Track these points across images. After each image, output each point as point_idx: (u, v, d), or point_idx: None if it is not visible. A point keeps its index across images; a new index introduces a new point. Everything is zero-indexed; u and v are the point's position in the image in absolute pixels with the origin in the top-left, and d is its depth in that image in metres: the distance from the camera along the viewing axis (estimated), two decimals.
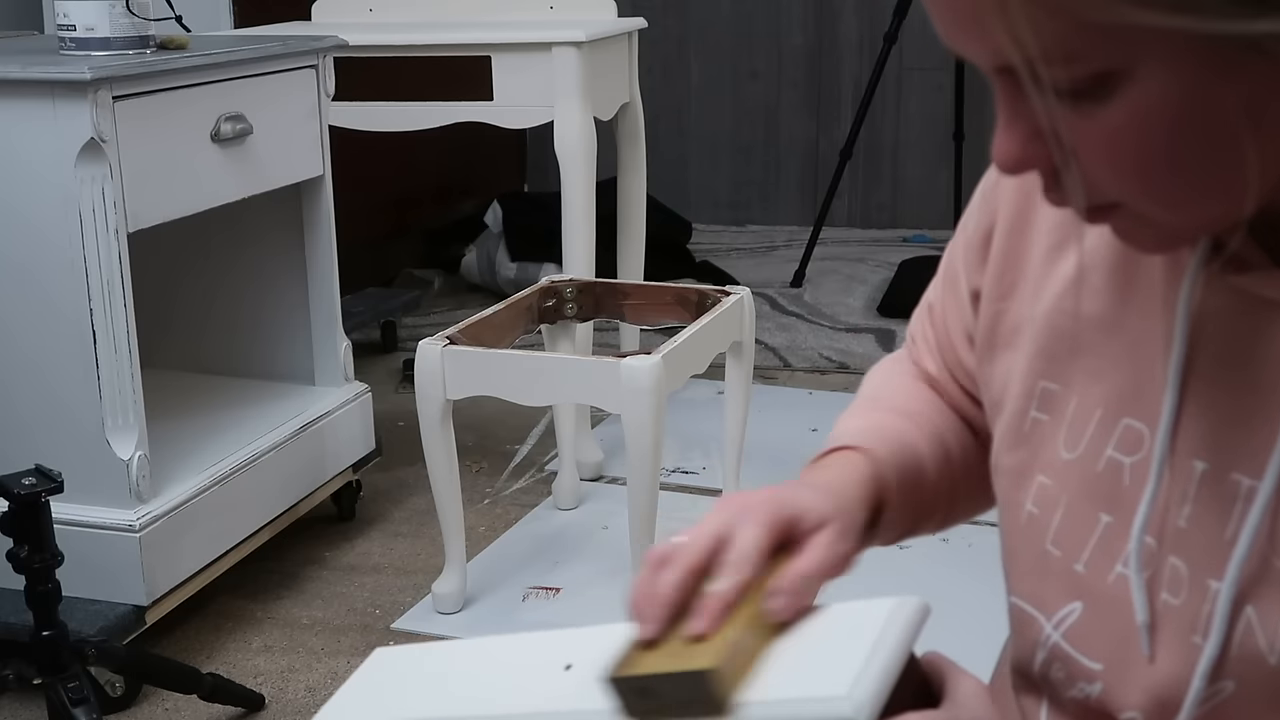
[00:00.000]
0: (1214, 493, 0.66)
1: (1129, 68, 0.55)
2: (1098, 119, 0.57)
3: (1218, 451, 0.66)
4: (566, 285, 2.42)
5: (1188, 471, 0.68)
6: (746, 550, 0.71)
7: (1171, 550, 0.68)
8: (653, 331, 3.13)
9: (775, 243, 4.55)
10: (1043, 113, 0.57)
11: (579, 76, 2.58)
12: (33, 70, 1.84)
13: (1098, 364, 0.73)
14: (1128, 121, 0.56)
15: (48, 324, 1.92)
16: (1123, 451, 0.71)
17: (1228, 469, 0.66)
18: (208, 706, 1.92)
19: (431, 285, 4.07)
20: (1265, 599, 0.64)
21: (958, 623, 1.47)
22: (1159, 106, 0.55)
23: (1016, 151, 0.60)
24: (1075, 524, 0.73)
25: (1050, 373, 0.75)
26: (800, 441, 2.84)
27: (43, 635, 1.69)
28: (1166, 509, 0.68)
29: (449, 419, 2.11)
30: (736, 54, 4.74)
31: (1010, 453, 0.78)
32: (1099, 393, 0.72)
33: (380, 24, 2.95)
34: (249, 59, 2.12)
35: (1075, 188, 0.60)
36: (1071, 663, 0.74)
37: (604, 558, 2.36)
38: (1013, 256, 0.79)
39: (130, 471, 1.95)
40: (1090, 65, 0.55)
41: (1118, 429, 0.71)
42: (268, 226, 2.44)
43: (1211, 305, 0.66)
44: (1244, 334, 0.65)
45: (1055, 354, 0.75)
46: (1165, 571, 0.69)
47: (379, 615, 2.20)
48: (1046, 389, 0.75)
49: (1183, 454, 0.68)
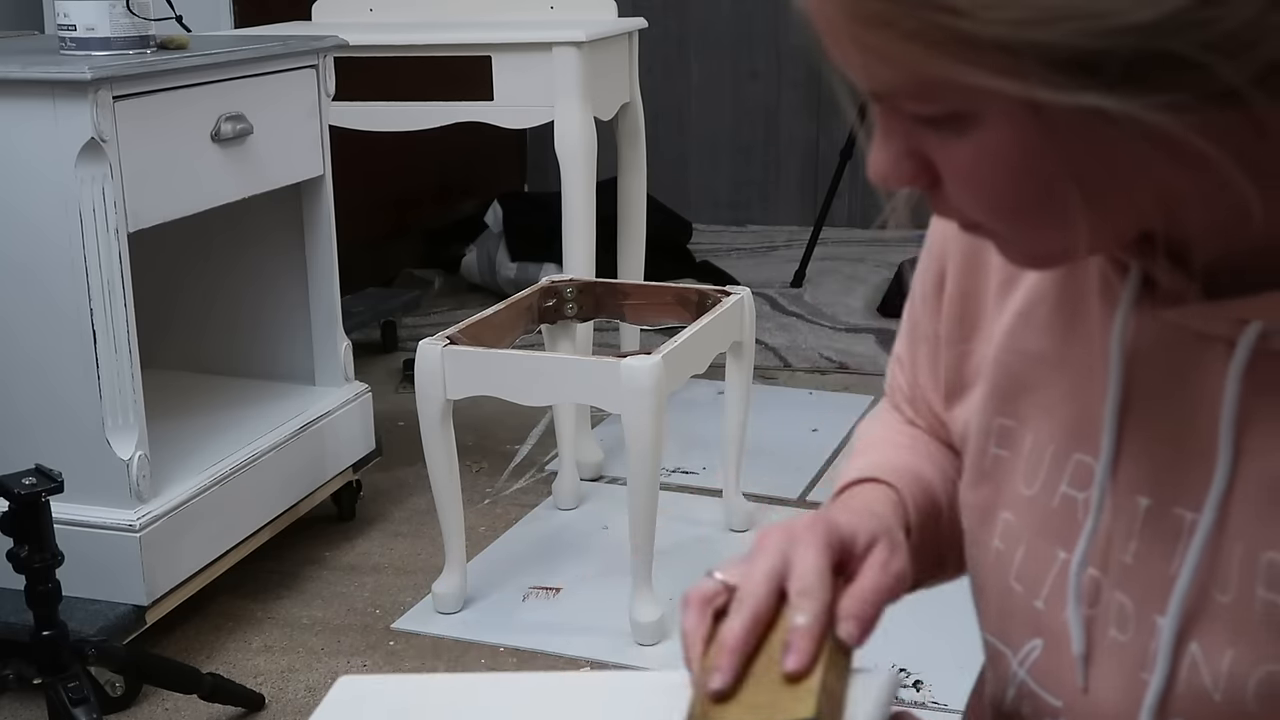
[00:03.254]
0: (1157, 528, 0.66)
1: (977, 112, 0.56)
2: (954, 149, 0.58)
3: (1159, 486, 0.66)
4: (566, 285, 2.42)
5: (1133, 508, 0.67)
6: (813, 577, 0.67)
7: (1117, 586, 0.68)
8: (653, 331, 3.13)
9: (775, 243, 4.55)
10: (905, 135, 0.60)
11: (579, 76, 2.58)
12: (33, 70, 1.84)
13: (1047, 399, 0.73)
14: (976, 158, 0.58)
15: (48, 324, 1.92)
16: (1075, 487, 0.70)
17: (1170, 504, 0.66)
18: (208, 706, 1.92)
19: (431, 285, 4.07)
20: (1208, 634, 0.64)
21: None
22: (1003, 152, 0.57)
23: (888, 166, 0.62)
24: (1035, 560, 0.72)
25: (1005, 409, 0.75)
26: (800, 441, 2.84)
27: (43, 635, 1.69)
28: (1110, 544, 0.68)
29: (449, 419, 2.11)
30: (736, 54, 4.74)
31: (974, 489, 0.77)
32: (1050, 428, 0.72)
33: (380, 24, 2.96)
34: (249, 59, 2.12)
35: (943, 205, 0.62)
36: (1037, 699, 0.73)
37: (604, 558, 2.36)
38: (969, 299, 0.79)
39: (130, 471, 1.95)
40: (942, 105, 0.57)
41: (1069, 464, 0.71)
42: (268, 226, 2.44)
43: (1145, 340, 0.66)
44: (1178, 368, 0.65)
45: (1008, 391, 0.75)
46: (1112, 608, 0.68)
47: (379, 615, 2.20)
48: (1004, 425, 0.75)
49: (1127, 490, 0.68)
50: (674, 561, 2.27)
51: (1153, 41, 0.49)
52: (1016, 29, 0.50)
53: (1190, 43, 0.49)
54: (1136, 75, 0.51)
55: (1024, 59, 0.51)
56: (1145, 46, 0.50)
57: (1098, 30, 0.49)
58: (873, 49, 0.55)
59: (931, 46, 0.53)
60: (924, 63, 0.54)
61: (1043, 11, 0.50)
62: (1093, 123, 0.53)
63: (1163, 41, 0.49)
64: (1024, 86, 0.52)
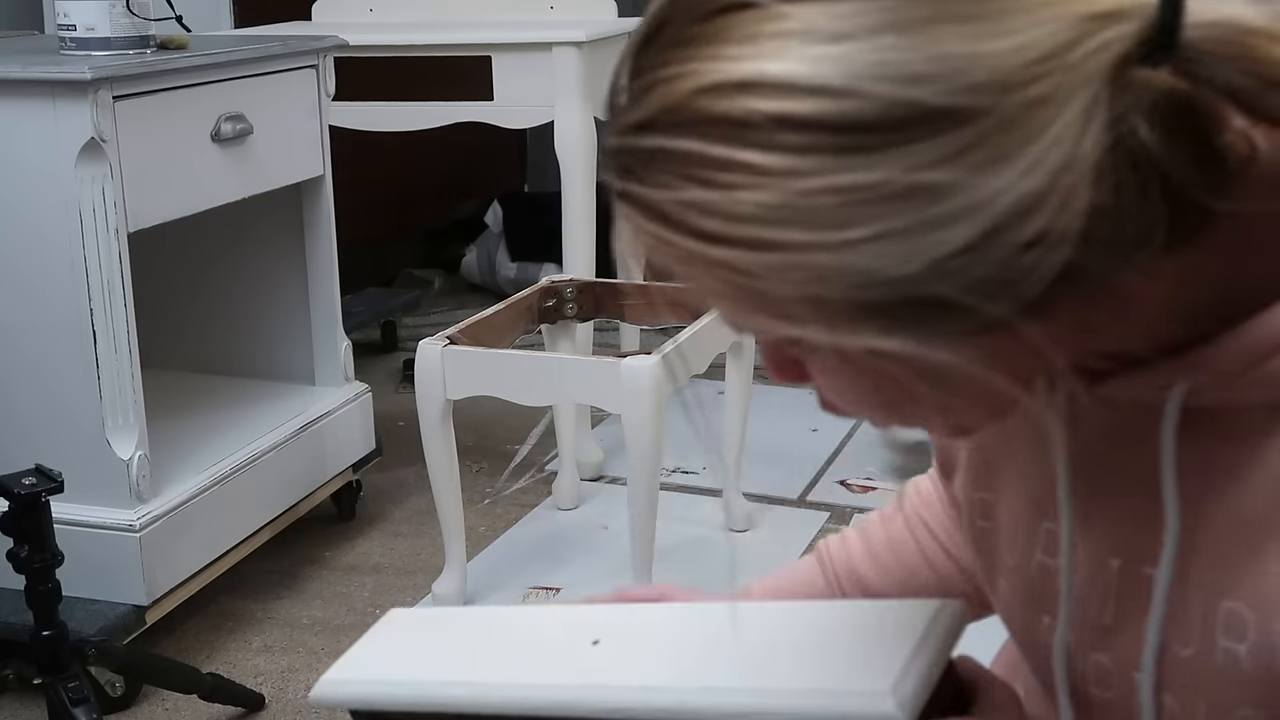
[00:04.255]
0: (1130, 588, 0.67)
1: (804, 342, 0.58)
2: (810, 360, 0.62)
3: (1126, 547, 0.68)
4: (567, 285, 2.42)
5: (1107, 570, 0.69)
6: None
7: (1094, 648, 0.70)
8: (653, 331, 3.13)
9: None
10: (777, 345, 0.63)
11: (579, 76, 2.58)
12: (33, 70, 1.84)
13: (1012, 472, 0.75)
14: (827, 372, 0.62)
15: (48, 324, 1.92)
16: (1048, 555, 0.72)
17: (1138, 563, 0.67)
18: (208, 706, 1.92)
19: (431, 285, 4.07)
20: (1178, 688, 0.65)
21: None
22: (843, 370, 0.60)
23: (773, 367, 0.65)
24: (1026, 626, 0.75)
25: (981, 483, 0.78)
26: (800, 441, 2.84)
27: (43, 635, 1.69)
28: (1087, 608, 0.70)
29: (449, 419, 2.11)
30: None
31: (975, 559, 0.81)
32: (1018, 501, 0.75)
33: (380, 24, 2.96)
34: (249, 59, 2.12)
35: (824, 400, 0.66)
36: None
37: (604, 558, 2.36)
38: None
39: (130, 471, 1.95)
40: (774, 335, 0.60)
41: (1040, 533, 0.73)
42: (268, 226, 2.44)
43: (1089, 413, 0.68)
44: (1118, 432, 0.67)
45: (979, 466, 0.79)
46: (1091, 668, 0.70)
47: (379, 615, 2.19)
48: (984, 499, 0.78)
49: (1100, 553, 0.69)
50: (674, 561, 2.27)
51: (918, 289, 0.52)
52: (803, 287, 0.53)
53: (953, 288, 0.52)
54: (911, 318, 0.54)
55: (813, 310, 0.54)
56: (914, 294, 0.53)
57: (869, 284, 0.53)
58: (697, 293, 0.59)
59: (736, 303, 0.57)
60: (736, 314, 0.59)
61: (822, 271, 0.53)
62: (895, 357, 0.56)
63: (927, 288, 0.52)
64: (818, 334, 0.55)
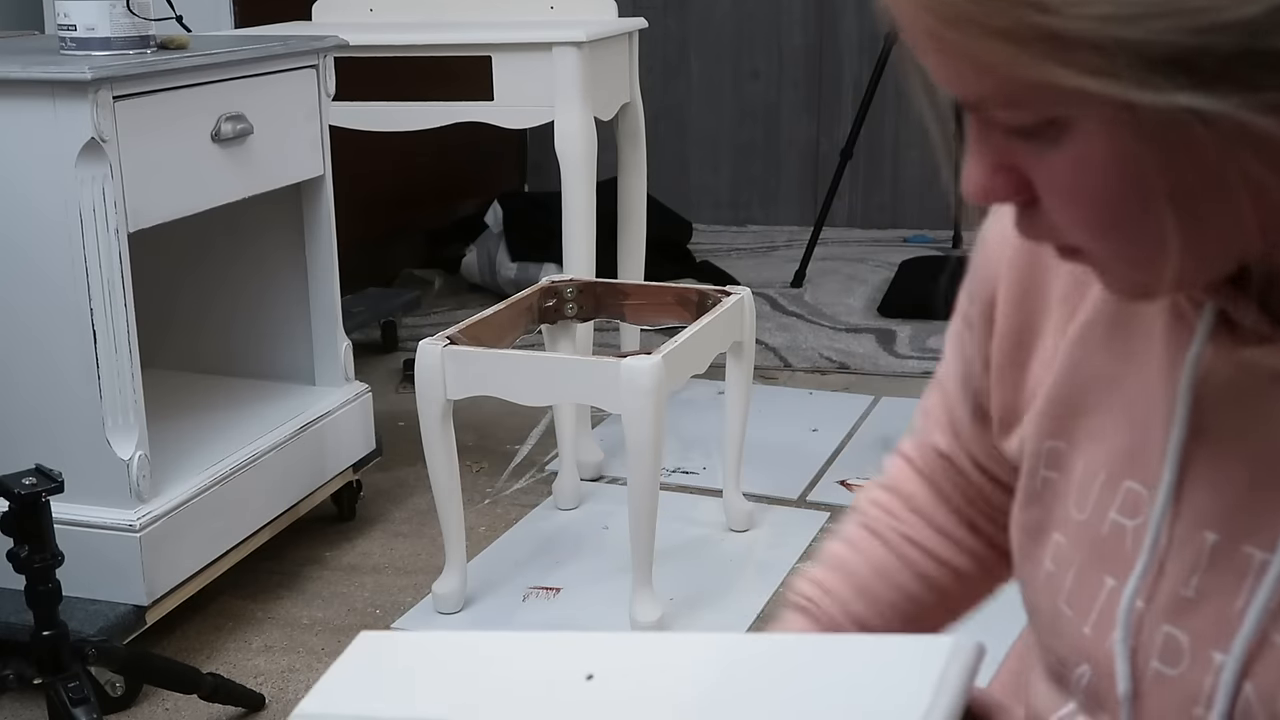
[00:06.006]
0: (1225, 565, 0.65)
1: (1071, 118, 0.54)
2: (1048, 162, 0.56)
3: (1229, 523, 0.65)
4: (567, 285, 2.42)
5: (1199, 543, 0.66)
6: None
7: (1168, 619, 0.67)
8: (653, 331, 3.13)
9: (775, 243, 4.55)
10: (1000, 148, 0.58)
11: (579, 76, 2.58)
12: (33, 70, 1.84)
13: (1099, 423, 0.71)
14: (1071, 168, 0.56)
15: (48, 324, 1.92)
16: (1125, 515, 0.70)
17: (1239, 541, 0.65)
18: (208, 706, 1.92)
19: (431, 285, 4.07)
20: (1263, 675, 0.63)
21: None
22: (1098, 162, 0.55)
23: (983, 181, 0.60)
24: (1084, 585, 0.72)
25: (1056, 431, 0.74)
26: (800, 441, 2.84)
27: (43, 635, 1.69)
28: (1162, 577, 0.67)
29: (449, 419, 2.11)
30: (736, 54, 4.74)
31: (1025, 510, 0.77)
32: (1101, 454, 0.71)
33: (380, 24, 2.95)
34: (249, 59, 2.12)
35: (1036, 223, 0.60)
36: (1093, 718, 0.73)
37: (604, 558, 2.36)
38: (1024, 326, 0.77)
39: (130, 471, 1.95)
40: (1034, 112, 0.55)
41: (1120, 491, 0.70)
42: (268, 226, 2.44)
43: (1217, 376, 0.65)
44: (1252, 406, 0.64)
45: (1061, 413, 0.74)
46: (1158, 639, 0.68)
47: (379, 615, 2.20)
48: (1054, 447, 0.74)
49: (1192, 524, 0.66)
50: (674, 561, 2.27)
51: (1254, 39, 0.47)
52: (1105, 25, 0.49)
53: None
54: (1235, 74, 0.48)
55: (1114, 58, 0.49)
56: (1245, 44, 0.47)
57: (1192, 27, 0.48)
58: (960, 51, 0.54)
59: (1019, 46, 0.51)
60: (1012, 64, 0.52)
61: (1133, 7, 0.48)
62: (1190, 126, 0.51)
63: (1265, 39, 0.47)
64: (1115, 86, 0.50)
